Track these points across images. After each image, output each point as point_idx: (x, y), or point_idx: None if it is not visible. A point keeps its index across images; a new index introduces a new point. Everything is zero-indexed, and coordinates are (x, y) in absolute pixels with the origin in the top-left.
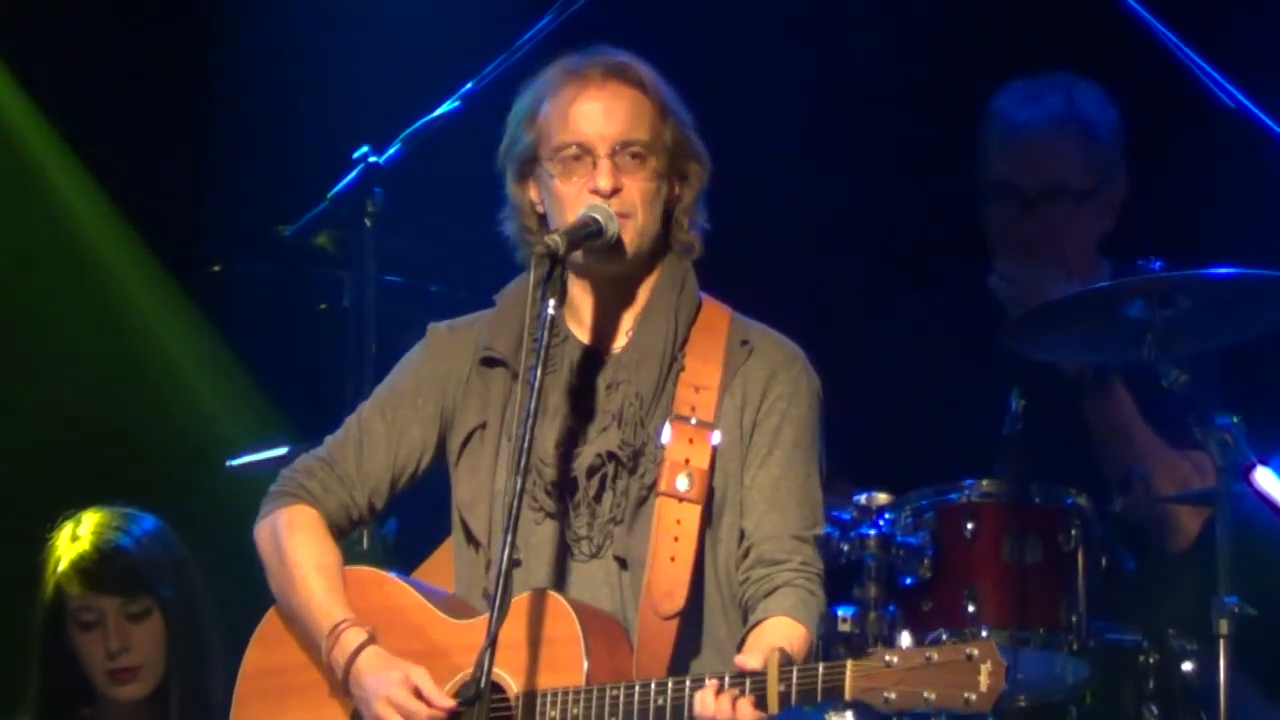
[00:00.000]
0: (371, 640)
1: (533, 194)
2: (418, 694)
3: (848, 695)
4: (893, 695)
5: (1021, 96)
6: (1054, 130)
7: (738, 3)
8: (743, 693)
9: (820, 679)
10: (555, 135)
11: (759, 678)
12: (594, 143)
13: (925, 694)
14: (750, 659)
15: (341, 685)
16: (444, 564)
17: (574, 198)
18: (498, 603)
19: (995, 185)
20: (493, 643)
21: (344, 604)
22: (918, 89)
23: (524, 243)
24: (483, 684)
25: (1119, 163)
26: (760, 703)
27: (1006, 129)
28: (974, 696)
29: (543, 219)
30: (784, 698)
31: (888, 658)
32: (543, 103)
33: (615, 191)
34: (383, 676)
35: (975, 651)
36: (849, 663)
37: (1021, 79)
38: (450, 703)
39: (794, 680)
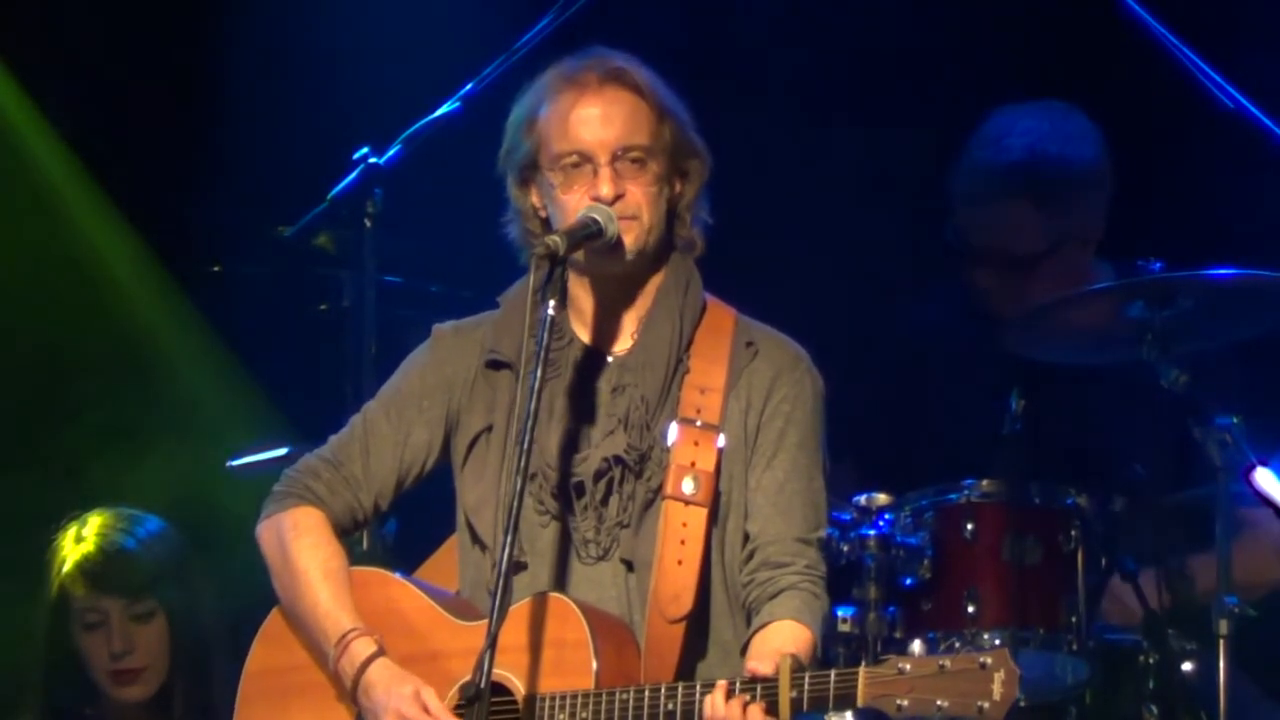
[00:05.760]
0: (381, 652)
1: (535, 199)
2: (426, 711)
3: (860, 702)
4: (905, 703)
5: (983, 145)
6: (1002, 195)
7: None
8: (754, 698)
9: (833, 686)
10: (554, 144)
11: (770, 684)
12: (594, 150)
13: (938, 702)
14: (762, 665)
15: (349, 694)
16: (446, 562)
17: (576, 206)
18: (497, 604)
19: (952, 236)
20: (492, 644)
21: (351, 610)
22: (917, 86)
23: (528, 245)
24: (482, 685)
25: (1090, 196)
26: (771, 708)
27: (963, 179)
28: (987, 705)
29: (546, 222)
30: (796, 704)
31: (900, 665)
32: (540, 109)
33: (618, 198)
34: (394, 690)
35: (989, 660)
36: (861, 670)
37: (1003, 108)
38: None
39: (806, 687)
